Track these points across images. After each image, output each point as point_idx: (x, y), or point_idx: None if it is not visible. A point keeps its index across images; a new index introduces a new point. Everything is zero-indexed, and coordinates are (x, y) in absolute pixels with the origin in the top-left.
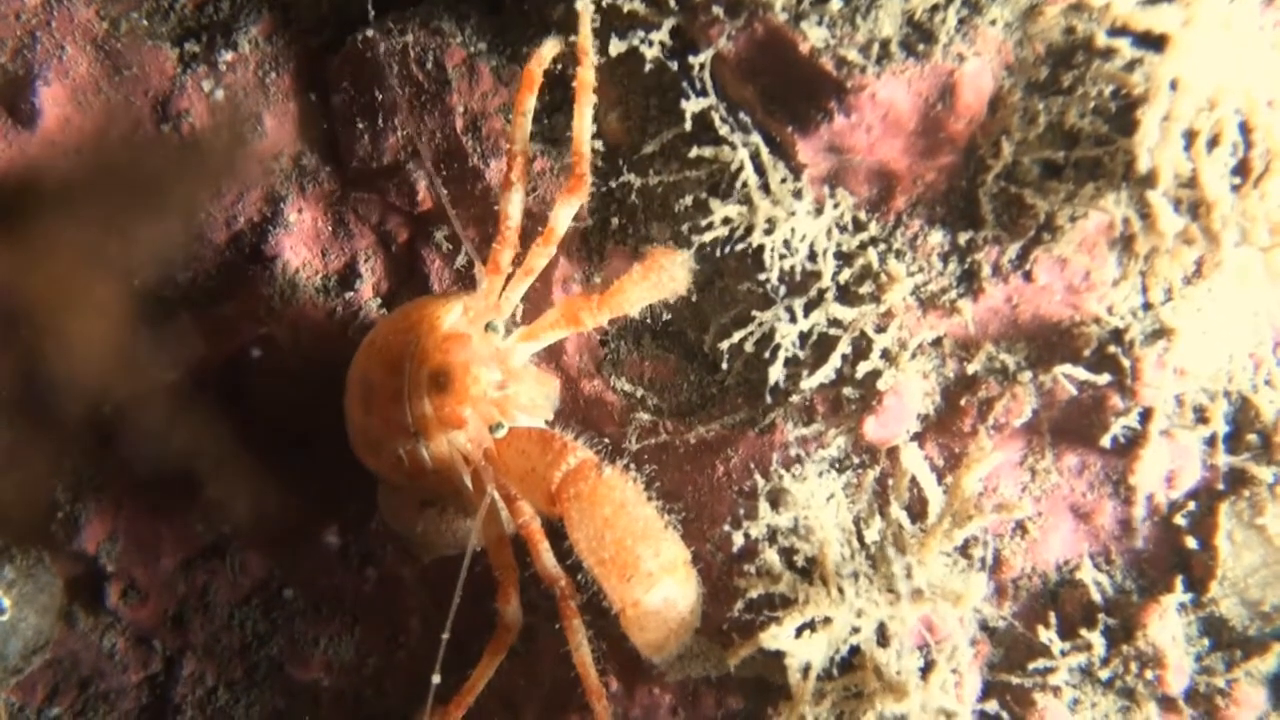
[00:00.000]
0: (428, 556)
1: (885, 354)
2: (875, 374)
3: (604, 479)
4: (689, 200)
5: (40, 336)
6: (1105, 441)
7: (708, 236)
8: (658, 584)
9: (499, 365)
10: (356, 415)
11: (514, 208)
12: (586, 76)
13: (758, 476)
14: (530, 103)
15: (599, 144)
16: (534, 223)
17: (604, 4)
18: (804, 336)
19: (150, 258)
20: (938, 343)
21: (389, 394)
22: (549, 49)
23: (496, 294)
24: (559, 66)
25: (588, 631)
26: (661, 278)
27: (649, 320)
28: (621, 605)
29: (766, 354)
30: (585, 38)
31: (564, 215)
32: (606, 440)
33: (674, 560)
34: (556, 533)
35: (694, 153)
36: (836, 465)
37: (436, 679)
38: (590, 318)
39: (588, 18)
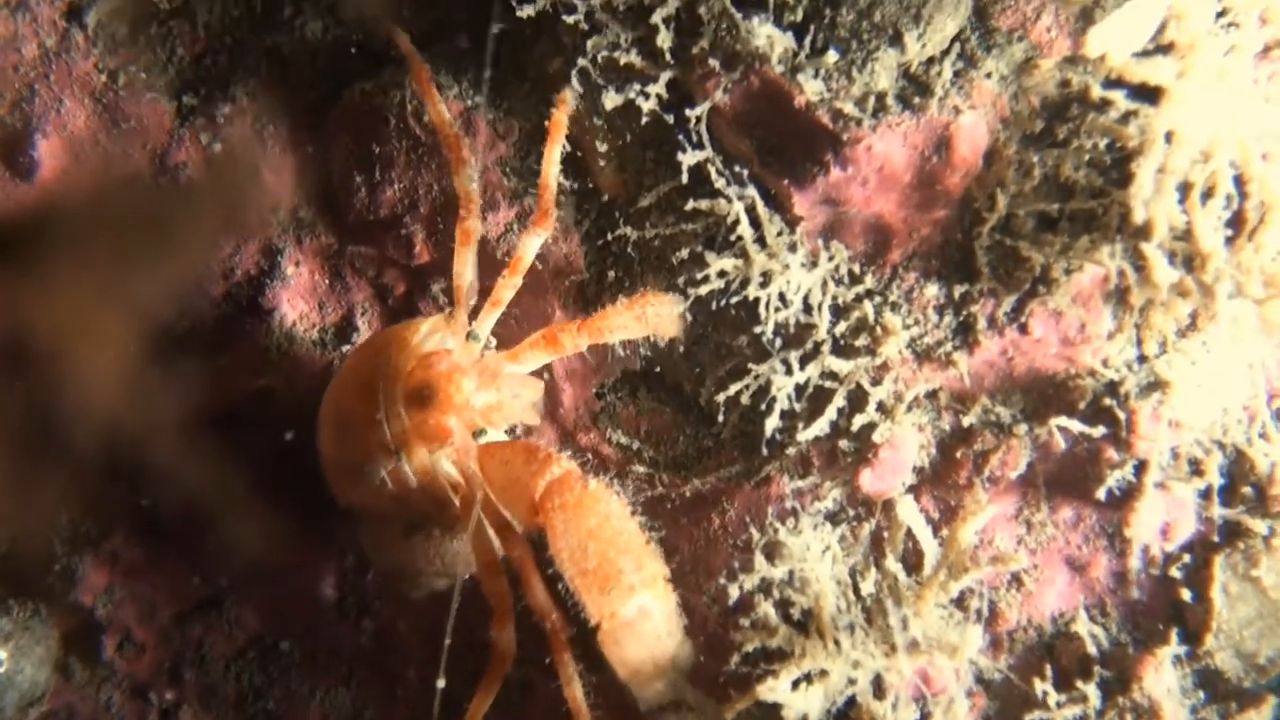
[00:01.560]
0: (416, 591)
1: (881, 407)
2: (871, 426)
3: (589, 490)
4: (685, 253)
5: (48, 371)
6: (1101, 494)
7: (703, 289)
8: (636, 596)
9: (481, 373)
10: (332, 450)
11: (529, 250)
12: (560, 118)
13: (753, 529)
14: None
15: (601, 197)
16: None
17: (600, 57)
18: (800, 389)
19: (146, 308)
20: (933, 395)
21: (365, 418)
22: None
23: (466, 297)
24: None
25: (578, 666)
26: (647, 313)
27: (644, 373)
28: (599, 617)
29: (762, 407)
30: (568, 91)
31: (529, 247)
32: (589, 456)
33: (654, 575)
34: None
35: (690, 205)
36: (832, 518)
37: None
38: (570, 340)
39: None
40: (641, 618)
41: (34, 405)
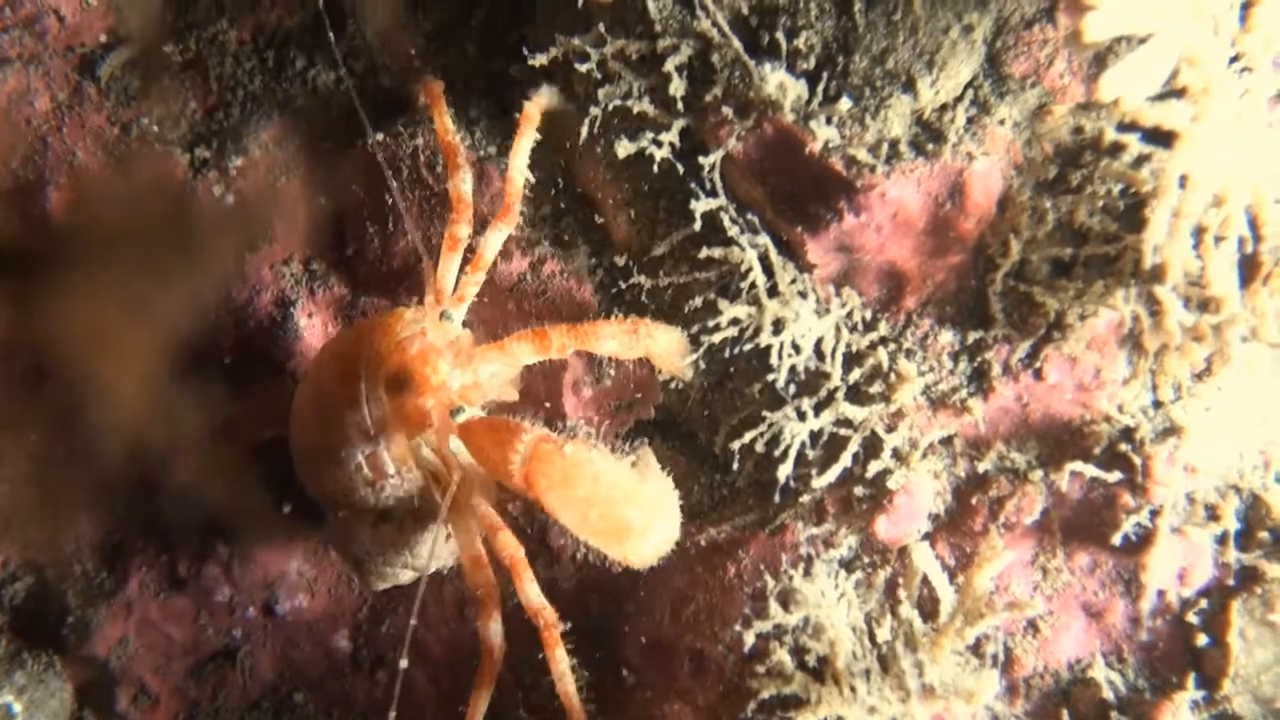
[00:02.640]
0: (382, 583)
1: (896, 453)
2: (886, 473)
3: (569, 458)
4: (699, 301)
5: (73, 389)
6: (1117, 540)
7: (717, 337)
8: (650, 533)
9: (456, 353)
10: (308, 438)
11: (493, 245)
12: (532, 111)
13: (768, 577)
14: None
15: (616, 254)
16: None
17: (611, 106)
18: (814, 436)
19: (168, 325)
20: (948, 442)
21: (346, 404)
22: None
23: (440, 288)
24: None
25: (571, 661)
26: (640, 333)
27: (660, 422)
28: (624, 560)
29: (777, 454)
30: (545, 87)
31: (493, 242)
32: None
33: (658, 502)
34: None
35: (704, 254)
36: (847, 565)
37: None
38: (559, 341)
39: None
40: (662, 544)
41: (58, 423)
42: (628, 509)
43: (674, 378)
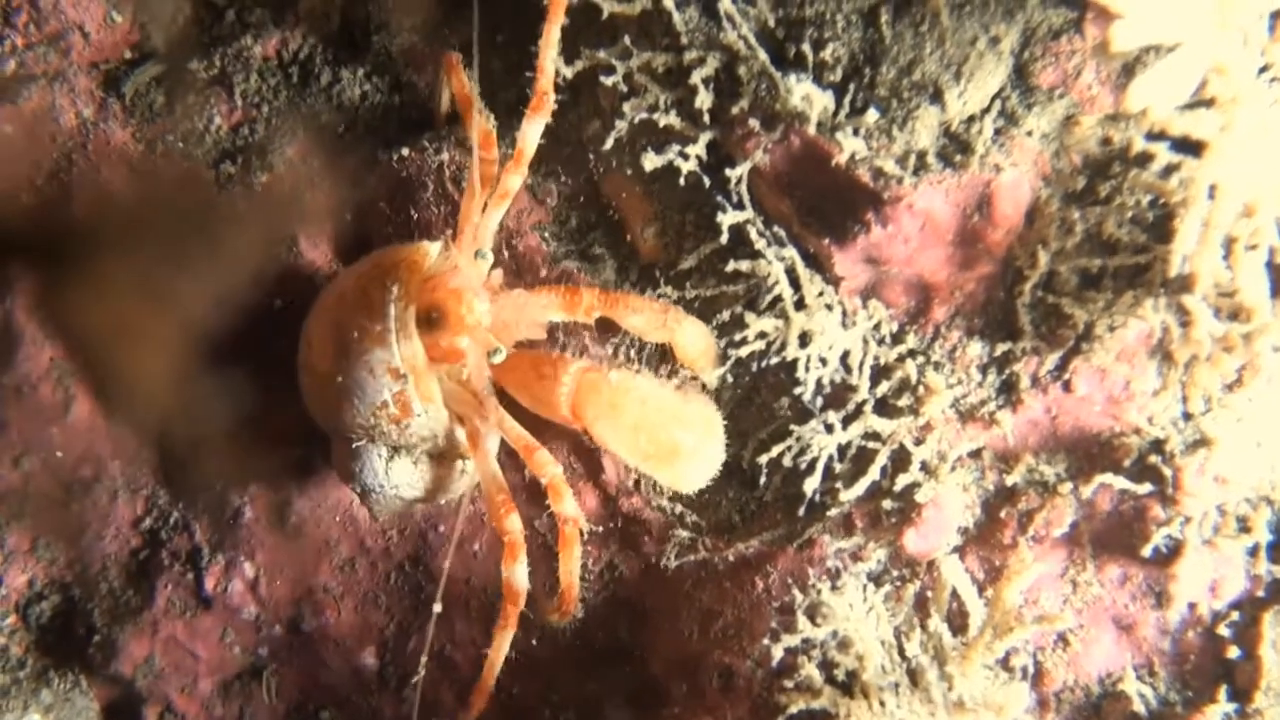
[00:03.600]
0: (388, 513)
1: (924, 466)
2: (914, 486)
3: (615, 386)
4: (726, 314)
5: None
6: (1147, 552)
7: (744, 351)
8: (700, 454)
9: (489, 291)
10: (324, 367)
11: (531, 137)
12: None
13: (796, 591)
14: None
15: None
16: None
17: (637, 119)
18: (842, 450)
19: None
20: (977, 455)
21: (372, 339)
22: None
23: (474, 227)
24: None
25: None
26: (668, 319)
27: None
28: (673, 485)
29: (804, 468)
30: None
31: (531, 134)
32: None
33: (706, 422)
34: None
35: (731, 267)
36: (876, 578)
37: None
38: (587, 301)
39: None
40: (710, 465)
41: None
42: (677, 431)
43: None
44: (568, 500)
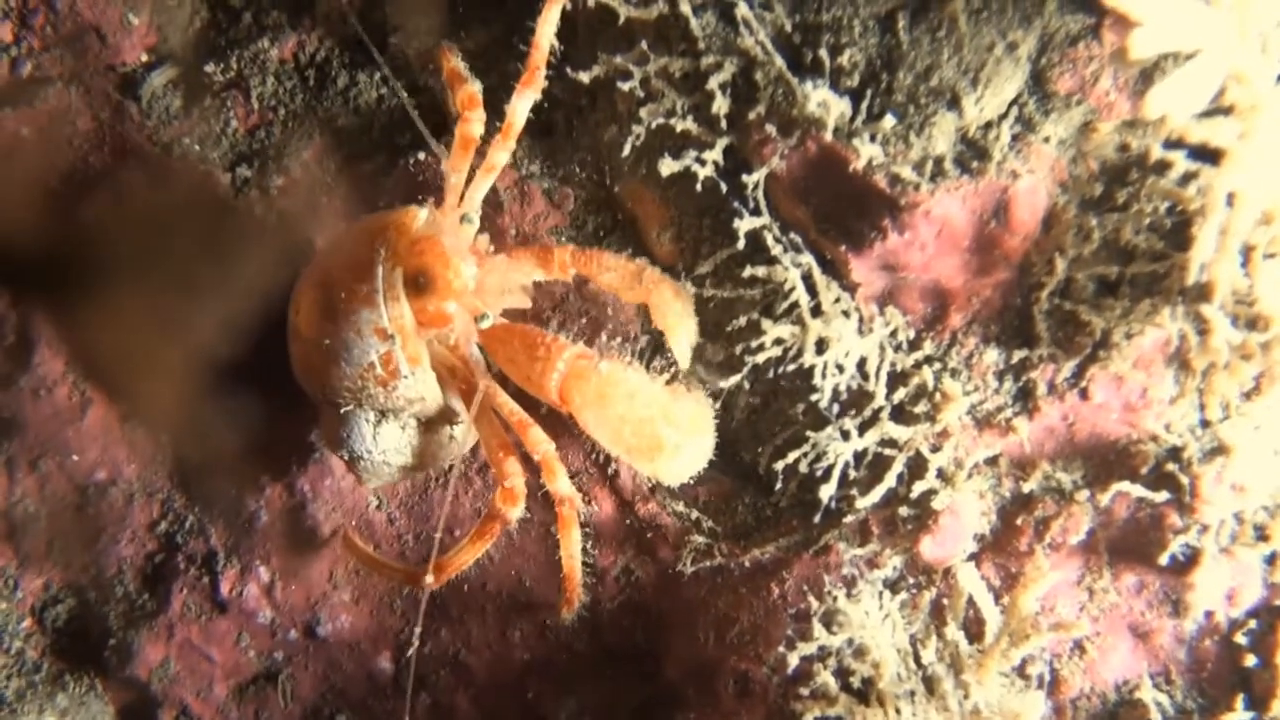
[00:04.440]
0: (376, 481)
1: (941, 473)
2: (931, 493)
3: (605, 376)
4: (742, 320)
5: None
6: (1164, 560)
7: (761, 357)
8: (683, 450)
9: (475, 257)
10: (312, 331)
11: (520, 111)
12: None
13: (812, 598)
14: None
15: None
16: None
17: (654, 124)
18: (859, 456)
19: (201, 339)
20: (994, 462)
21: (360, 300)
22: None
23: (460, 192)
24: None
25: (584, 543)
26: (643, 276)
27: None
28: (655, 477)
29: (820, 474)
30: None
31: (520, 108)
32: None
33: (692, 421)
34: None
35: (747, 272)
36: (892, 585)
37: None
38: (560, 258)
39: None
40: (694, 462)
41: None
42: (661, 427)
43: (679, 369)
44: (561, 478)
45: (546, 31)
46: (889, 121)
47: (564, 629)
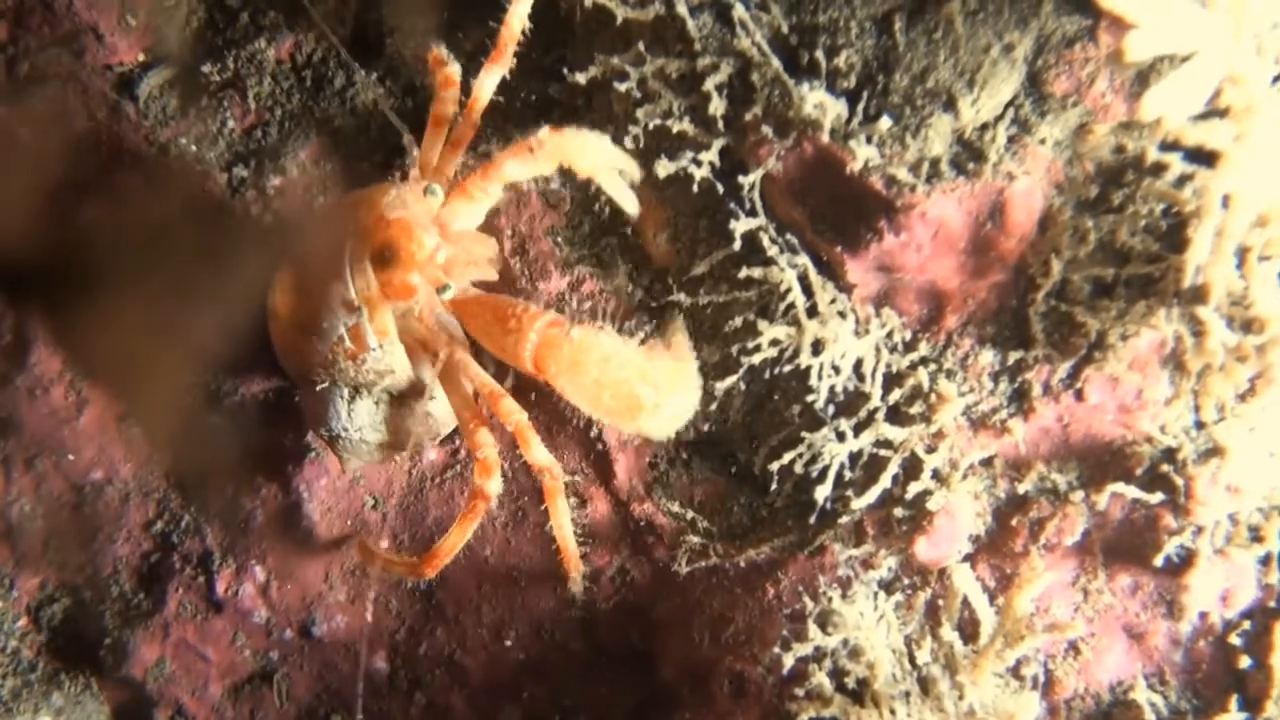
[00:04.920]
0: (357, 461)
1: (936, 474)
2: (926, 494)
3: (578, 342)
4: (738, 321)
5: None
6: (1158, 561)
7: (757, 358)
8: (662, 409)
9: (439, 228)
10: (287, 309)
11: (486, 87)
12: None
13: (807, 599)
14: None
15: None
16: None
17: (651, 125)
18: (854, 457)
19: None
20: (989, 463)
21: (330, 274)
22: None
23: (428, 167)
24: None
25: (572, 512)
26: (535, 148)
27: (699, 443)
28: (639, 434)
29: (816, 475)
30: None
31: (488, 84)
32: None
33: (670, 378)
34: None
35: (743, 273)
36: (887, 586)
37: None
38: (477, 189)
39: None
40: (674, 419)
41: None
42: (638, 387)
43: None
44: (536, 447)
45: (519, 10)
46: (885, 123)
47: (559, 629)
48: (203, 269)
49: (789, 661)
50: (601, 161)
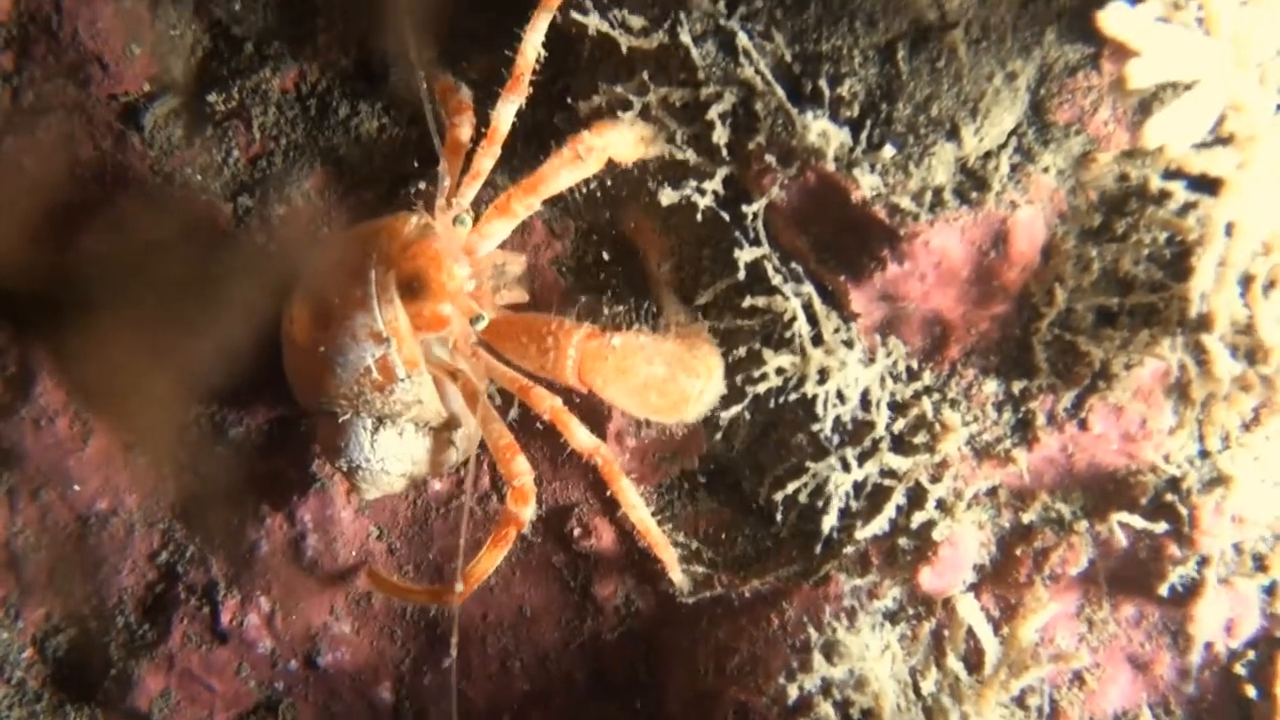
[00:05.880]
0: (375, 492)
1: (940, 504)
2: (930, 524)
3: (619, 349)
4: (743, 350)
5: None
6: (1163, 591)
7: (761, 387)
8: (706, 392)
9: (468, 258)
10: (306, 338)
11: (505, 116)
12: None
13: (812, 629)
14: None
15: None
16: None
17: (655, 154)
18: (858, 487)
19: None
20: (993, 492)
21: (354, 305)
22: None
23: (450, 196)
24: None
25: (640, 488)
26: (583, 151)
27: (704, 473)
28: (680, 423)
29: (820, 505)
30: None
31: (505, 114)
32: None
33: (708, 362)
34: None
35: (747, 302)
36: (892, 616)
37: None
38: (520, 204)
39: None
40: (713, 398)
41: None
42: (684, 381)
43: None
44: (578, 430)
45: (534, 40)
46: (888, 152)
47: (564, 659)
48: (208, 298)
49: (794, 692)
50: (642, 144)
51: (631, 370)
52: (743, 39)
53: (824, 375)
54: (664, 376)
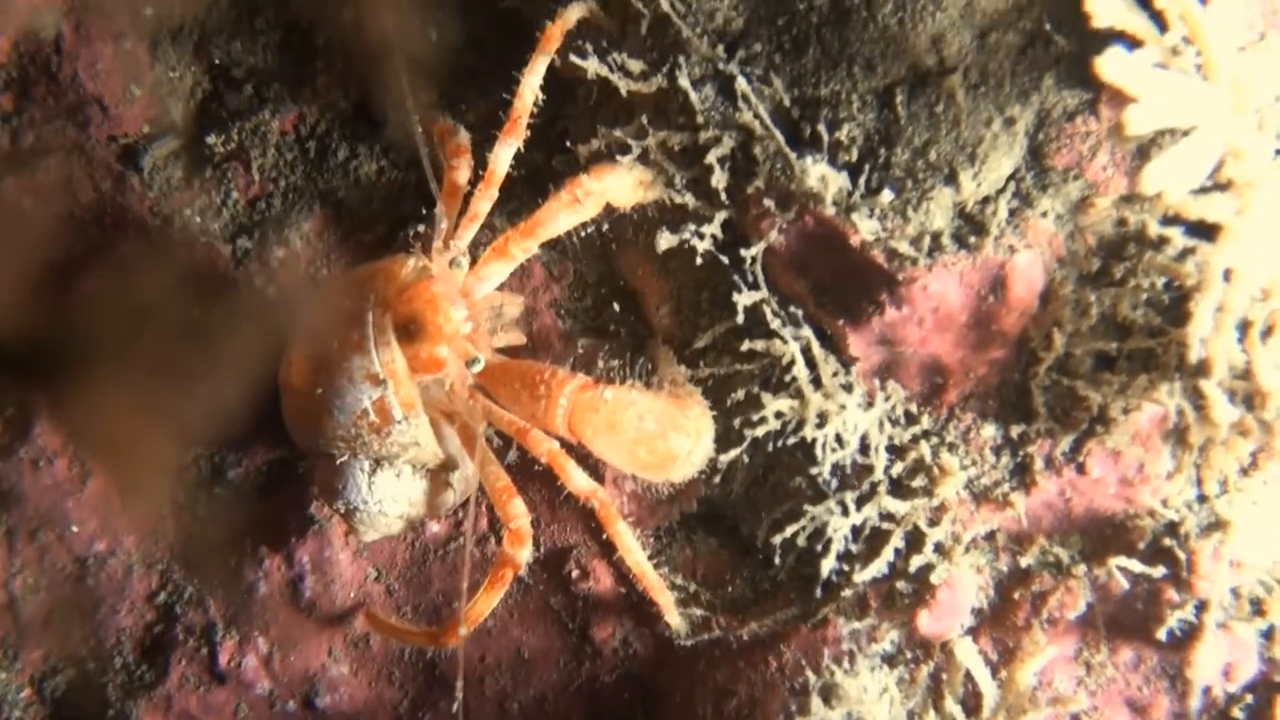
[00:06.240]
0: (373, 534)
1: (939, 548)
2: (928, 568)
3: (611, 403)
4: (741, 394)
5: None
6: (1161, 635)
7: (760, 430)
8: (693, 456)
9: (465, 300)
10: (303, 382)
11: (502, 159)
12: (554, 31)
13: (810, 672)
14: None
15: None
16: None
17: (653, 198)
18: (856, 530)
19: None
20: (991, 536)
21: (351, 347)
22: (574, 11)
23: (447, 239)
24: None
25: (635, 531)
26: (581, 195)
27: (702, 515)
28: (664, 483)
29: (819, 548)
30: (572, 9)
31: (503, 156)
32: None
33: (699, 422)
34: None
35: (746, 346)
36: (889, 660)
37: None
38: (517, 248)
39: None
40: (702, 459)
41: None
42: (673, 440)
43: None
44: (575, 473)
45: (531, 83)
46: (887, 196)
47: (563, 701)
48: (207, 341)
49: None
50: (641, 188)
51: (622, 425)
52: (741, 83)
53: (823, 419)
54: (654, 433)
